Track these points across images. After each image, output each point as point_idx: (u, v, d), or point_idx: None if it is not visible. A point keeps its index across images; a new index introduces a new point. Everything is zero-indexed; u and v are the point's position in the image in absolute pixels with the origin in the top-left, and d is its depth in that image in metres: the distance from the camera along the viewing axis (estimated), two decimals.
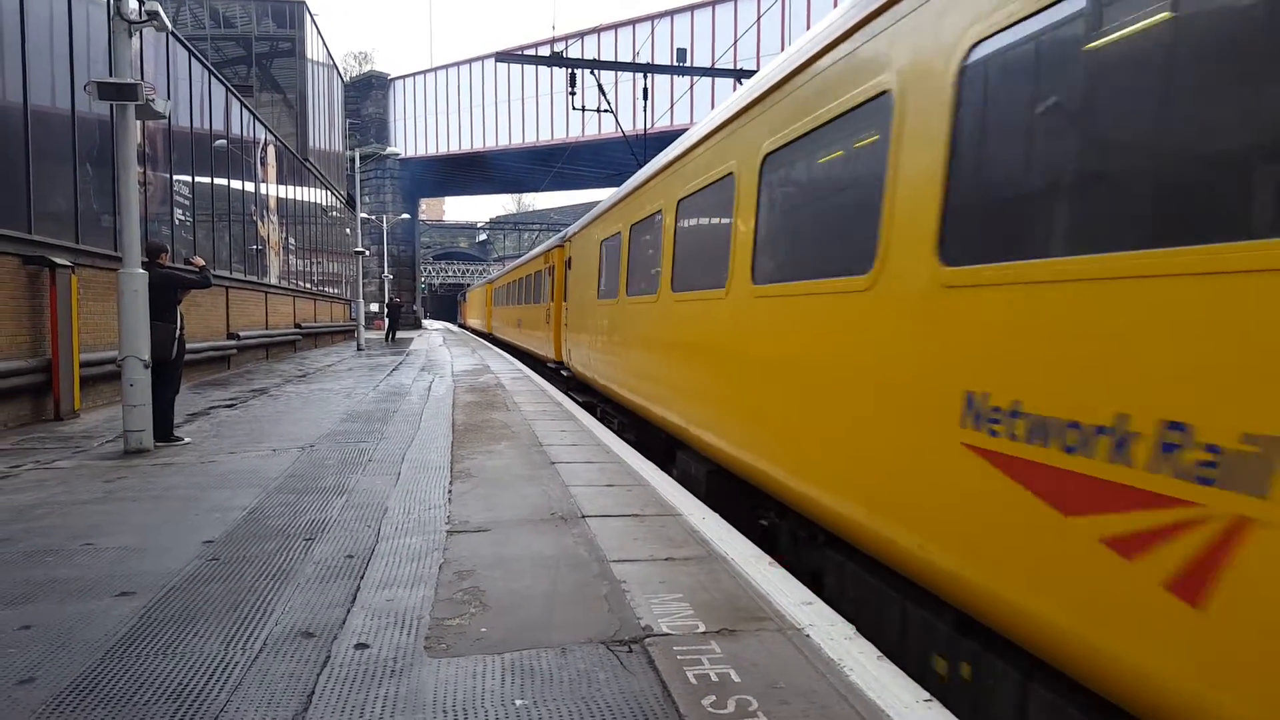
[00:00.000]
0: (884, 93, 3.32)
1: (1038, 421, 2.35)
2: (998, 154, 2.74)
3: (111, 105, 6.62)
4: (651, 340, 7.28)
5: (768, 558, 3.90)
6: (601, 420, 9.90)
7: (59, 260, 8.54)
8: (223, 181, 16.17)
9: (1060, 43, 2.44)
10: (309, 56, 29.67)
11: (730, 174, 5.22)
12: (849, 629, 2.99)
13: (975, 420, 2.61)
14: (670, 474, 6.38)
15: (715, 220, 5.66)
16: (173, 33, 10.69)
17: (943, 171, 2.89)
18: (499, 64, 37.39)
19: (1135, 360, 2.05)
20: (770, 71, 4.69)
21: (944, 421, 2.78)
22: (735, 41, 25.12)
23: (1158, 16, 2.11)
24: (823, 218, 4.15)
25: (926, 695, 2.47)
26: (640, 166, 8.80)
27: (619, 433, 8.94)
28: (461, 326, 55.90)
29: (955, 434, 2.71)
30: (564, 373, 13.80)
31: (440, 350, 23.63)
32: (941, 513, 2.80)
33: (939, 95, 2.93)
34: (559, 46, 26.32)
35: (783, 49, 28.11)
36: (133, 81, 6.50)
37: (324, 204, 29.04)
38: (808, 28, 27.93)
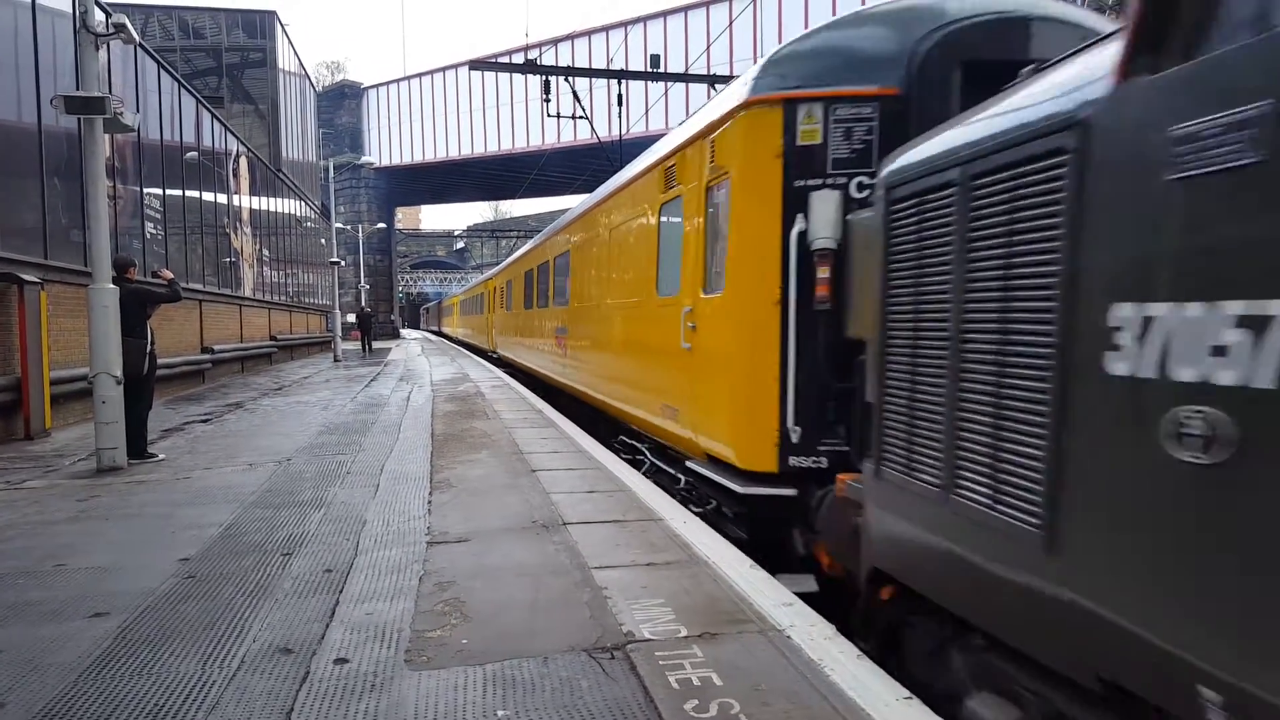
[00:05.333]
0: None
1: None
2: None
3: (79, 119, 6.53)
4: (478, 324, 28.62)
5: (749, 560, 3.92)
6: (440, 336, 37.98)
7: (27, 276, 8.38)
8: (194, 194, 15.96)
9: None
10: (280, 67, 29.43)
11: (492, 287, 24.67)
12: (829, 629, 3.02)
13: None
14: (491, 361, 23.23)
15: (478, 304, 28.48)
16: (140, 44, 10.53)
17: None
18: (473, 72, 37.34)
19: None
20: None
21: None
22: (708, 47, 25.26)
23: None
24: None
25: (905, 693, 2.50)
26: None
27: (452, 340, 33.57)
28: (434, 332, 65.91)
29: None
30: (451, 338, 31.62)
31: (419, 360, 23.46)
32: None
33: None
34: (533, 54, 26.31)
35: (754, 54, 28.45)
36: (100, 95, 6.40)
37: (298, 215, 28.74)
38: (779, 31, 28.23)
